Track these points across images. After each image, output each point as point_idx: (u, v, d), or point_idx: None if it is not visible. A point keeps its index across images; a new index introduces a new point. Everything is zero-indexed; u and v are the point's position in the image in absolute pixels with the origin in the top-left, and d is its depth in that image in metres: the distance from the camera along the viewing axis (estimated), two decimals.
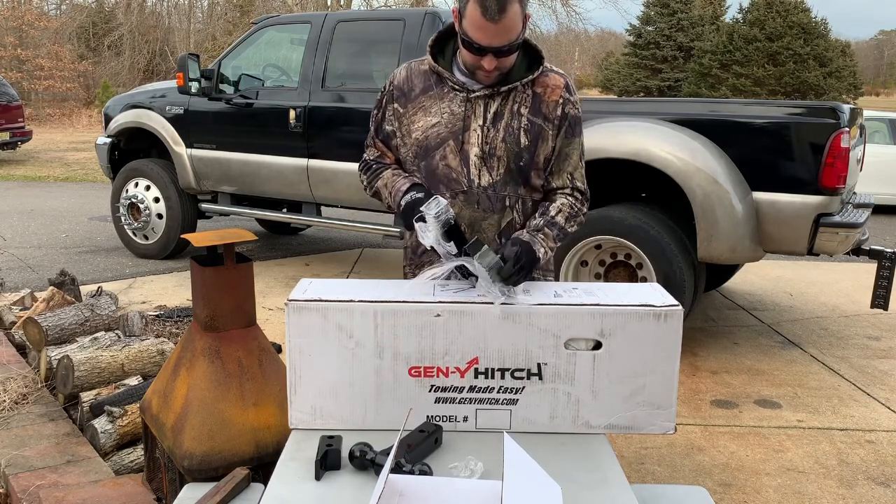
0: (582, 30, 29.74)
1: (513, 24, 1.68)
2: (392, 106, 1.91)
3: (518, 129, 1.83)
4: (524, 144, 1.83)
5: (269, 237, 7.26)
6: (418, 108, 1.87)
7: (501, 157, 1.83)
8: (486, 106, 1.82)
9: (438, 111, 1.85)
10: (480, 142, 1.83)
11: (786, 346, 4.40)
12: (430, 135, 1.85)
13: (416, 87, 1.88)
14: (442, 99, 1.85)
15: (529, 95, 1.83)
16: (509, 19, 1.66)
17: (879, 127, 9.86)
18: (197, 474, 1.98)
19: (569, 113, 1.85)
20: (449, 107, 1.84)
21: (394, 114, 1.91)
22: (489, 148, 1.83)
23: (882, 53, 75.34)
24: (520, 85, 1.82)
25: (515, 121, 1.83)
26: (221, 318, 2.11)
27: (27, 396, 3.02)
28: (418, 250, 1.96)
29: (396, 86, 1.91)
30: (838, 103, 3.83)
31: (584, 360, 1.63)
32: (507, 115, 1.82)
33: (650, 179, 4.06)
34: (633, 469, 2.87)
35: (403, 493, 1.34)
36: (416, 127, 1.87)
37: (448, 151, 1.85)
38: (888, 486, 2.81)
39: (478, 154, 1.83)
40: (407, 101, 1.88)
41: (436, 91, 1.86)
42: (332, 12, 5.81)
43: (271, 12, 16.91)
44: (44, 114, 23.83)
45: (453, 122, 1.83)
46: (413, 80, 1.89)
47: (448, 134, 1.84)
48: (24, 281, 5.33)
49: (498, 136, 1.82)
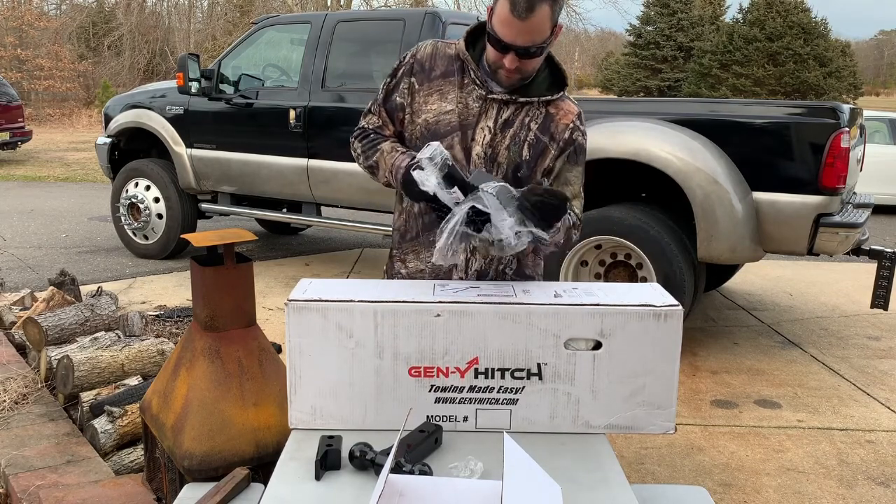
0: (582, 30, 29.83)
1: (539, 26, 1.67)
2: (409, 79, 1.88)
3: (523, 142, 1.83)
4: (525, 157, 1.83)
5: (269, 237, 7.26)
6: (435, 90, 1.85)
7: (502, 164, 1.83)
8: (500, 111, 1.82)
9: (455, 99, 1.83)
10: (485, 143, 1.83)
11: (786, 346, 4.40)
12: (441, 120, 1.84)
13: (438, 69, 1.86)
14: (461, 89, 1.84)
15: (542, 113, 1.83)
16: (537, 19, 1.66)
17: (879, 127, 9.86)
18: (197, 474, 1.98)
19: (576, 139, 1.86)
20: (466, 99, 1.83)
21: (409, 87, 1.88)
22: (492, 152, 1.83)
23: (882, 53, 75.36)
24: (536, 101, 1.82)
25: (523, 133, 1.82)
26: (221, 318, 2.11)
27: (27, 396, 3.02)
28: (406, 235, 1.94)
29: (419, 60, 1.87)
30: (838, 103, 3.83)
31: (584, 360, 1.63)
32: (516, 125, 1.82)
33: (650, 179, 4.06)
34: (633, 469, 2.87)
35: (403, 493, 1.34)
36: (429, 108, 1.85)
37: (455, 141, 1.84)
38: (888, 486, 2.81)
39: (479, 154, 1.83)
40: (425, 80, 1.86)
41: (456, 79, 1.84)
42: (332, 12, 5.81)
43: (271, 12, 16.91)
44: (44, 114, 23.83)
45: (466, 115, 1.83)
46: (436, 60, 1.86)
47: (458, 125, 1.83)
48: (24, 281, 5.34)
49: (503, 142, 1.82)
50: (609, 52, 47.87)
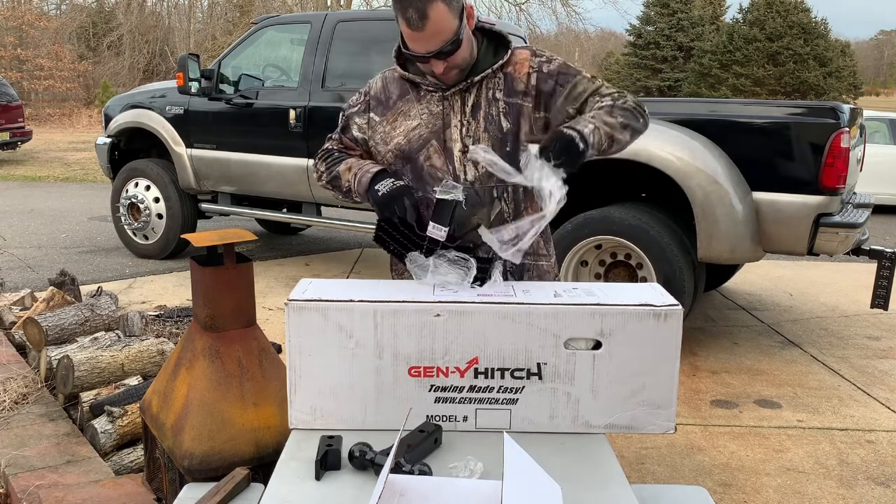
0: (582, 30, 29.80)
1: (440, 27, 1.66)
2: (367, 116, 1.90)
3: (498, 115, 1.81)
4: (507, 128, 1.81)
5: (269, 237, 7.26)
6: (398, 113, 1.86)
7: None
8: (464, 100, 1.82)
9: (417, 113, 1.84)
10: (462, 136, 1.82)
11: (786, 346, 4.40)
12: (411, 137, 1.85)
13: (394, 94, 1.87)
14: (420, 101, 1.84)
15: (501, 78, 1.81)
16: (434, 23, 1.65)
17: (879, 127, 9.86)
18: (197, 474, 1.98)
19: (545, 71, 1.80)
20: (427, 108, 1.84)
21: (368, 123, 1.90)
22: (472, 140, 1.82)
23: (882, 53, 75.37)
24: (491, 71, 1.80)
25: (493, 107, 1.81)
26: (221, 318, 2.11)
27: (27, 396, 3.02)
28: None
29: (373, 96, 1.90)
30: (838, 103, 3.83)
31: (584, 359, 1.63)
32: (483, 104, 1.81)
33: (650, 179, 4.06)
34: (633, 469, 2.87)
35: (403, 493, 1.34)
36: (397, 132, 1.86)
37: (432, 152, 1.84)
38: (888, 486, 2.81)
39: (461, 149, 1.83)
40: (386, 110, 1.88)
41: (412, 95, 1.85)
42: (332, 12, 5.82)
43: (271, 12, 16.92)
44: (44, 114, 23.85)
45: (433, 122, 1.83)
46: (390, 88, 1.88)
47: (430, 134, 1.83)
48: (24, 281, 5.34)
49: (479, 126, 1.81)
50: (609, 52, 47.83)
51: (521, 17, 26.24)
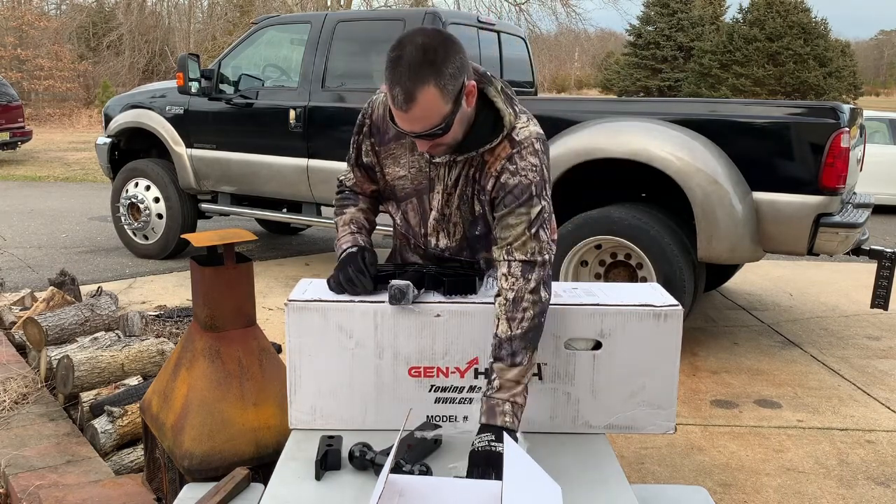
0: (582, 30, 29.79)
1: (428, 112, 1.51)
2: (369, 140, 1.83)
3: (472, 197, 1.72)
4: (479, 212, 1.73)
5: (269, 237, 7.26)
6: (389, 154, 1.80)
7: (458, 224, 1.77)
8: (449, 171, 1.72)
9: (407, 164, 1.77)
10: (440, 206, 1.76)
11: (786, 346, 4.40)
12: (396, 186, 1.81)
13: (390, 131, 1.77)
14: (412, 152, 1.75)
15: (480, 163, 1.69)
16: (421, 108, 1.50)
17: (879, 127, 9.85)
18: (197, 474, 1.98)
19: (506, 183, 1.64)
20: (418, 162, 1.75)
21: (371, 147, 1.83)
22: (448, 213, 1.76)
23: (882, 53, 75.37)
24: (476, 153, 1.67)
25: (469, 188, 1.71)
26: (221, 318, 2.11)
27: (27, 396, 3.02)
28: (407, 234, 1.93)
29: (374, 122, 1.81)
30: (838, 103, 3.82)
31: (584, 360, 1.63)
32: (461, 183, 1.71)
33: (650, 179, 4.06)
34: (633, 469, 2.87)
35: (403, 493, 1.34)
36: (387, 172, 1.81)
37: (410, 209, 1.81)
38: (888, 486, 2.81)
39: (436, 217, 1.78)
40: (381, 143, 1.81)
41: (407, 141, 1.74)
42: (332, 12, 5.82)
43: (271, 12, 16.91)
44: (44, 114, 23.83)
45: (420, 180, 1.76)
46: (388, 124, 1.76)
47: (413, 191, 1.78)
48: (24, 281, 5.33)
49: (453, 203, 1.74)
50: (609, 52, 47.84)
51: (521, 18, 26.21)
